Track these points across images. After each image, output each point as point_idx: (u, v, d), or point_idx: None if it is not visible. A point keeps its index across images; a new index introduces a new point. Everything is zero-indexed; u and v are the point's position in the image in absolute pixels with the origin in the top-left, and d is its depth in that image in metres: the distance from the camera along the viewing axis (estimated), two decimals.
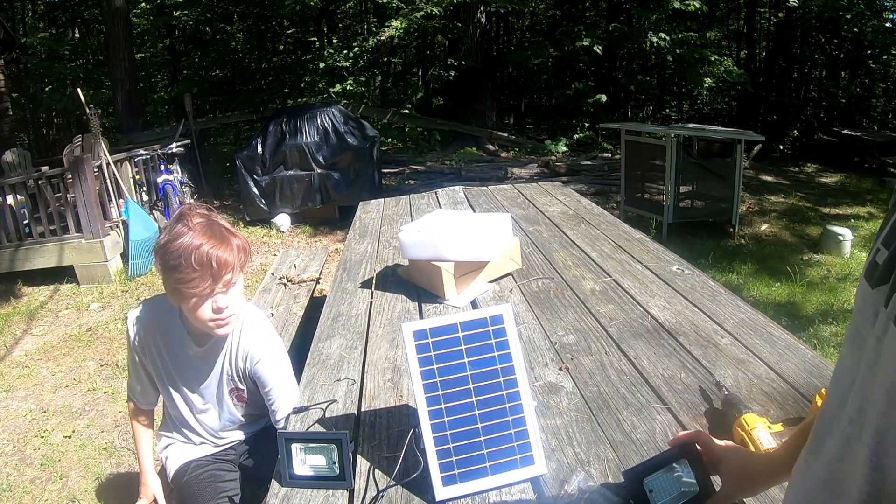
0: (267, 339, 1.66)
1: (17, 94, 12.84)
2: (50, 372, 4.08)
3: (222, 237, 1.45)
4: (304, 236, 7.12)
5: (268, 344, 1.66)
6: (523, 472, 1.27)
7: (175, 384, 1.69)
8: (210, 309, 1.47)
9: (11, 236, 5.69)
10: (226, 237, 1.46)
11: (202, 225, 1.44)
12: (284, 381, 1.66)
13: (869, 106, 13.20)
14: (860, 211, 7.46)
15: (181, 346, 1.64)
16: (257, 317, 1.70)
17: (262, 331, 1.67)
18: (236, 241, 1.49)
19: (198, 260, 1.39)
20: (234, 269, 1.47)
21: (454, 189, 4.16)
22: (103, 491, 2.87)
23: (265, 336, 1.66)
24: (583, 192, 6.06)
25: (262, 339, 1.65)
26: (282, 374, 1.66)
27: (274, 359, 1.66)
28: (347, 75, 11.57)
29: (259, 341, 1.64)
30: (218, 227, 1.48)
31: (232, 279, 1.48)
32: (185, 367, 1.67)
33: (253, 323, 1.66)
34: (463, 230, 2.25)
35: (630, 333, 1.88)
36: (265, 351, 1.64)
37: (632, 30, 11.10)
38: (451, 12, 10.56)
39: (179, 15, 12.66)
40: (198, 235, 1.41)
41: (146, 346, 1.66)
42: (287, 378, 1.68)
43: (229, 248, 1.45)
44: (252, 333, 1.64)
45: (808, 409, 1.39)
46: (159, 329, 1.65)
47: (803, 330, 4.07)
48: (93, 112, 6.35)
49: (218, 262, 1.42)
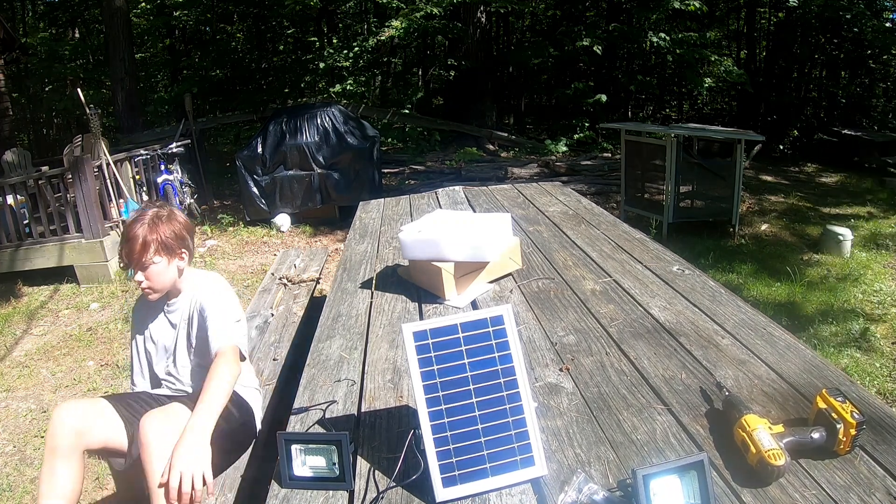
0: (214, 287, 1.95)
1: (17, 94, 12.83)
2: (50, 372, 4.08)
3: (153, 226, 1.86)
4: (304, 236, 7.12)
5: (214, 289, 1.94)
6: (524, 473, 1.27)
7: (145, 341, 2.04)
8: (138, 276, 1.89)
9: (11, 236, 5.69)
10: (156, 227, 1.86)
11: (153, 214, 1.89)
12: (225, 315, 1.86)
13: (869, 106, 13.18)
14: (860, 211, 7.46)
15: (156, 309, 2.03)
16: (209, 278, 2.01)
17: (211, 283, 1.97)
18: (166, 232, 1.86)
19: (124, 234, 1.90)
20: (148, 252, 1.83)
21: (454, 189, 4.16)
22: (103, 491, 2.87)
23: (213, 286, 1.96)
24: (583, 192, 6.06)
25: (210, 287, 1.94)
26: (223, 308, 1.88)
27: (217, 296, 1.91)
28: (347, 75, 11.56)
29: (207, 290, 1.93)
30: (158, 219, 1.88)
31: (146, 260, 1.84)
32: (154, 326, 2.03)
33: (203, 283, 1.97)
34: (463, 230, 2.25)
35: (630, 334, 1.88)
36: (211, 293, 1.92)
37: (632, 30, 11.09)
38: (451, 12, 10.55)
39: (179, 15, 12.64)
40: (140, 220, 1.87)
41: (135, 317, 2.11)
42: (228, 313, 1.88)
43: (152, 233, 1.85)
44: (202, 290, 1.93)
45: (808, 409, 1.39)
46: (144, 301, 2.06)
47: (803, 330, 4.06)
48: (93, 112, 6.34)
49: (133, 239, 1.84)
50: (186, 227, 1.96)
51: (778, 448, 1.21)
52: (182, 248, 1.92)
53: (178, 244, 1.90)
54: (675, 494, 1.16)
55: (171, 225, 1.90)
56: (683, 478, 1.16)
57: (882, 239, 6.09)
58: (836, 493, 1.18)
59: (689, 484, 1.16)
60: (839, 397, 1.31)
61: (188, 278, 2.00)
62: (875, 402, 1.46)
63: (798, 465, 1.26)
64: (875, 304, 4.55)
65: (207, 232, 7.16)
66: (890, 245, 5.86)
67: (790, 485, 1.20)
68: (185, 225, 1.96)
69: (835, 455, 1.27)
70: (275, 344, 2.98)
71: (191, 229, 1.99)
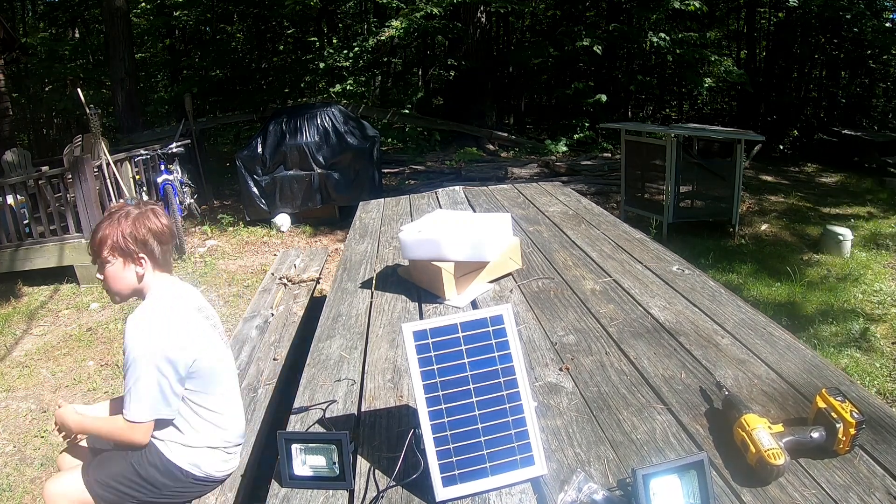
0: (133, 338, 1.64)
1: (17, 94, 12.82)
2: (50, 372, 4.08)
3: (115, 223, 1.71)
4: (304, 236, 7.12)
5: (131, 343, 1.63)
6: (524, 472, 1.27)
7: None
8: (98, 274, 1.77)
9: (11, 236, 5.69)
10: (117, 225, 1.71)
11: (122, 211, 1.74)
12: (135, 378, 1.61)
13: (869, 106, 13.19)
14: (860, 211, 7.46)
15: None
16: (147, 311, 1.70)
17: (136, 328, 1.65)
18: (124, 231, 1.70)
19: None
20: (103, 250, 1.70)
21: (454, 189, 4.16)
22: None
23: (134, 333, 1.64)
24: (583, 192, 6.06)
25: (131, 334, 1.64)
26: (133, 369, 1.62)
27: (134, 348, 1.63)
28: (347, 75, 11.56)
29: (128, 334, 1.65)
30: (124, 217, 1.72)
31: (101, 258, 1.71)
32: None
33: (143, 306, 1.72)
34: (463, 230, 2.25)
35: (630, 333, 1.88)
36: (132, 339, 1.64)
37: (632, 30, 11.10)
38: (451, 12, 10.55)
39: (179, 15, 12.64)
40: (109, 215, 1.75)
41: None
42: (140, 375, 1.61)
43: (110, 230, 1.71)
44: (134, 314, 1.69)
45: (808, 409, 1.39)
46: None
47: (803, 330, 4.07)
48: (93, 112, 6.34)
49: (94, 233, 1.74)
50: (156, 232, 1.74)
51: (777, 447, 1.21)
52: (141, 253, 1.72)
53: (136, 247, 1.71)
54: (674, 494, 1.16)
55: (136, 225, 1.72)
56: (683, 477, 1.16)
57: (882, 239, 6.10)
58: (835, 492, 1.18)
59: (688, 483, 1.16)
60: (839, 397, 1.31)
61: (156, 291, 1.76)
62: (875, 402, 1.46)
63: (798, 465, 1.26)
64: (875, 304, 4.55)
65: (207, 232, 7.17)
66: (890, 245, 5.86)
67: (790, 484, 1.21)
68: (157, 229, 1.75)
69: (834, 454, 1.27)
70: (275, 344, 2.98)
71: (162, 234, 1.76)
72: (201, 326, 1.77)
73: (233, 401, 1.88)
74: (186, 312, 1.75)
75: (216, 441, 1.81)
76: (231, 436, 1.86)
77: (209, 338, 1.78)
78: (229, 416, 1.84)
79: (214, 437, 1.81)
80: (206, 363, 1.73)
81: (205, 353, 1.73)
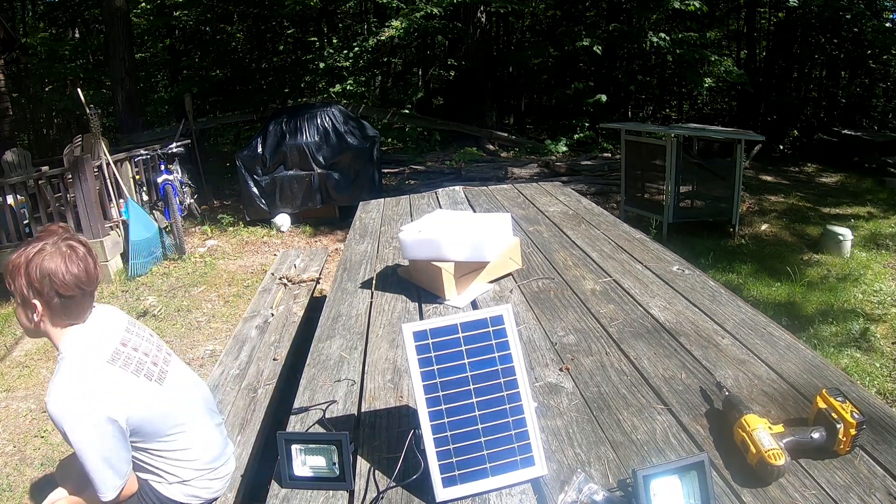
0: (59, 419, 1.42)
1: (17, 94, 12.82)
2: (50, 372, 4.08)
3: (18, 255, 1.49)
4: (304, 236, 7.12)
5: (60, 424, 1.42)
6: (524, 473, 1.27)
7: None
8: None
9: (11, 236, 5.68)
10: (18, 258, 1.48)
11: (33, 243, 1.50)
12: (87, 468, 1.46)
13: (869, 106, 13.18)
14: (860, 211, 7.45)
15: None
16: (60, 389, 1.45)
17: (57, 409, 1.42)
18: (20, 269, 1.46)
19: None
20: (8, 284, 1.49)
21: (454, 189, 4.15)
22: None
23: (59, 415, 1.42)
24: (583, 192, 6.06)
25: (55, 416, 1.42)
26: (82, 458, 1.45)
27: (68, 439, 1.43)
28: (347, 75, 11.56)
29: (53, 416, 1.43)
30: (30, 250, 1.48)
31: (9, 288, 1.50)
32: None
33: (55, 380, 1.47)
34: (463, 230, 2.25)
35: (630, 334, 1.88)
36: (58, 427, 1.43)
37: (632, 30, 11.09)
38: (451, 12, 10.55)
39: (179, 15, 12.64)
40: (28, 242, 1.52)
41: None
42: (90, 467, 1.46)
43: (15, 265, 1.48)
44: (49, 393, 1.44)
45: (808, 409, 1.39)
46: None
47: (803, 330, 4.06)
48: (93, 112, 6.33)
49: (5, 266, 1.51)
50: (59, 282, 1.45)
51: (778, 448, 1.21)
52: (34, 300, 1.46)
53: (28, 292, 1.46)
54: (675, 495, 1.16)
55: (33, 266, 1.45)
56: (684, 478, 1.16)
57: (882, 239, 6.09)
58: (835, 492, 1.18)
59: (689, 484, 1.16)
60: (839, 397, 1.31)
61: (63, 347, 1.52)
62: (875, 402, 1.46)
63: (798, 465, 1.26)
64: (875, 304, 4.55)
65: (207, 232, 7.17)
66: (890, 245, 5.86)
67: (790, 485, 1.20)
68: (60, 279, 1.46)
69: (835, 455, 1.27)
70: (275, 344, 2.98)
71: (64, 285, 1.47)
72: (121, 385, 1.53)
73: (192, 432, 1.71)
74: (100, 375, 1.51)
75: (192, 473, 1.72)
76: (207, 461, 1.75)
77: (133, 390, 1.56)
78: (195, 448, 1.71)
79: (190, 469, 1.71)
80: (139, 417, 1.55)
81: (134, 409, 1.53)
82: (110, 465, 1.49)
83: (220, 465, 1.81)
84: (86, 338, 1.55)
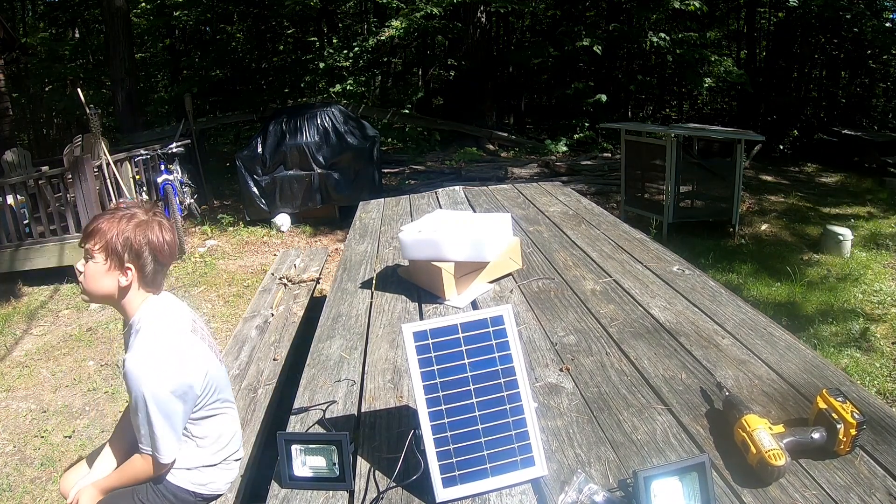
0: (137, 378, 1.49)
1: (17, 94, 12.82)
2: (50, 372, 4.08)
3: (116, 220, 1.55)
4: (304, 236, 7.12)
5: (136, 384, 1.49)
6: (524, 473, 1.27)
7: None
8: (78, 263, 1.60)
9: (11, 236, 5.68)
10: (118, 222, 1.54)
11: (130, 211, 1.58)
12: (149, 416, 1.50)
13: (869, 106, 13.19)
14: (860, 211, 7.46)
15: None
16: (147, 348, 1.52)
17: (139, 368, 1.49)
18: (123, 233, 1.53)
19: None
20: (97, 244, 1.54)
21: (454, 189, 4.15)
22: None
23: (139, 373, 1.49)
24: (583, 192, 6.06)
25: (135, 374, 1.49)
26: (145, 407, 1.50)
27: (137, 400, 1.50)
28: (347, 75, 11.56)
29: (131, 374, 1.49)
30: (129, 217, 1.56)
31: (88, 249, 1.55)
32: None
33: (141, 341, 1.54)
34: (463, 230, 2.25)
35: (630, 334, 1.88)
36: (132, 387, 1.50)
37: (632, 30, 11.10)
38: (451, 12, 10.56)
39: (179, 15, 12.64)
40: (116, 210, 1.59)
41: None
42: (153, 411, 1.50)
43: (108, 225, 1.54)
44: (134, 353, 1.51)
45: (809, 409, 1.38)
46: None
47: (803, 330, 4.06)
48: (93, 112, 6.33)
49: (91, 221, 1.57)
50: (155, 246, 1.56)
51: (778, 448, 1.21)
52: (129, 263, 1.54)
53: (127, 255, 1.53)
54: (675, 496, 1.16)
55: (136, 231, 1.54)
56: (684, 479, 1.16)
57: (882, 239, 6.09)
58: (836, 493, 1.18)
59: (689, 485, 1.16)
60: (839, 397, 1.31)
61: (147, 320, 1.58)
62: (875, 402, 1.46)
63: (798, 466, 1.26)
64: (875, 304, 4.55)
65: (207, 232, 7.17)
66: (890, 245, 5.86)
67: (790, 485, 1.20)
68: (157, 244, 1.57)
69: (835, 455, 1.27)
70: (275, 344, 2.98)
71: (160, 251, 1.58)
72: (201, 352, 1.64)
73: (232, 417, 1.81)
74: (185, 340, 1.61)
75: (218, 458, 1.76)
76: (231, 451, 1.81)
77: (209, 361, 1.67)
78: (228, 433, 1.78)
79: (216, 455, 1.75)
80: (212, 376, 1.65)
81: (209, 370, 1.64)
82: (174, 431, 1.57)
83: (236, 461, 1.86)
84: (168, 308, 1.64)
